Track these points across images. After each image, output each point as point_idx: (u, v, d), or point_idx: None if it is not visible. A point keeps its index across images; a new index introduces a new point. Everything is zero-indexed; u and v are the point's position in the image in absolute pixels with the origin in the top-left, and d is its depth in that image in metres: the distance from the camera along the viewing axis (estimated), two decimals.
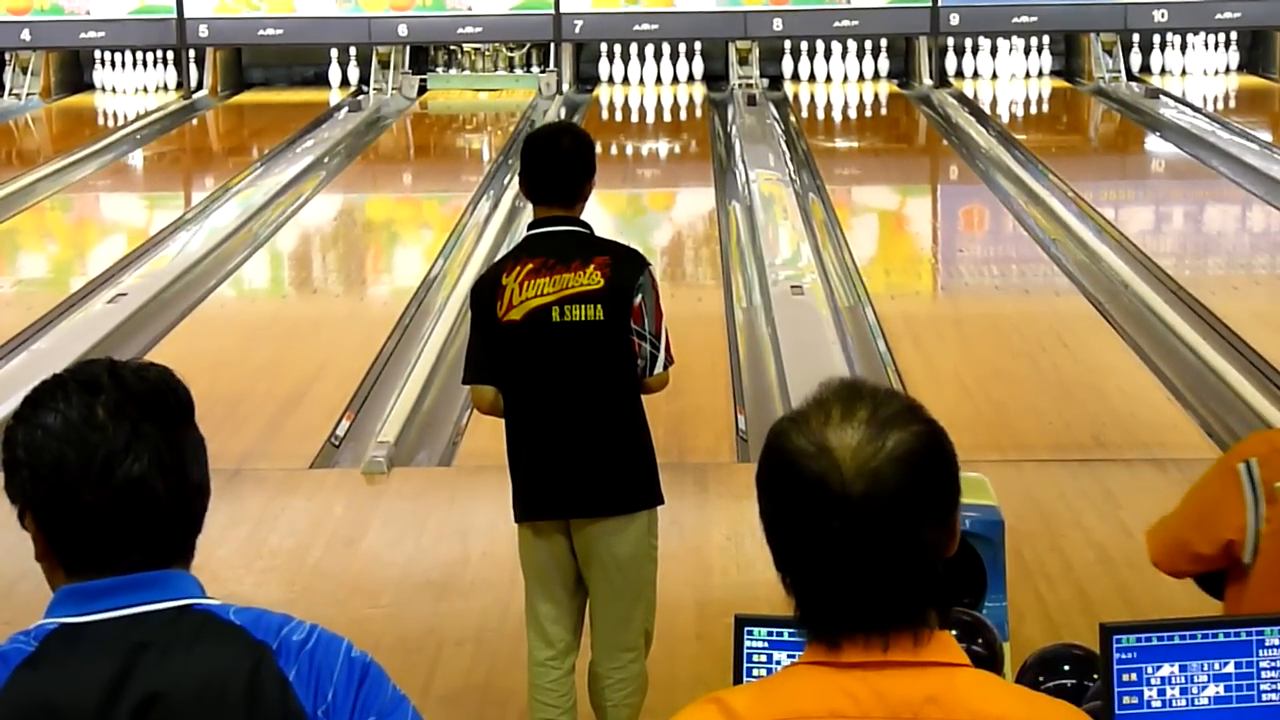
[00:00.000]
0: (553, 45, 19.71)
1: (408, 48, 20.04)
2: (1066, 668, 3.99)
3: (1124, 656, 3.04)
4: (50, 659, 2.30)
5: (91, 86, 20.45)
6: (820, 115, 19.19)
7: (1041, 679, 3.93)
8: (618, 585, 5.17)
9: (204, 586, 2.39)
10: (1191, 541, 3.98)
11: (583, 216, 5.22)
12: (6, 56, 20.03)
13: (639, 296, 5.10)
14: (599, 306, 5.05)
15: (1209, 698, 3.05)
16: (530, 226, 5.23)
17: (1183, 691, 3.04)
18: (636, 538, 5.17)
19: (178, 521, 2.36)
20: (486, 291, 5.16)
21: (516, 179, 5.46)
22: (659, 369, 5.13)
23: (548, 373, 5.10)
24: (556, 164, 5.18)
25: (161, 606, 2.33)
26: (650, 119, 19.07)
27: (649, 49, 20.03)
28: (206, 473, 2.40)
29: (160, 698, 2.28)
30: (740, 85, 19.48)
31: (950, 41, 20.10)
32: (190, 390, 2.41)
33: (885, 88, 19.93)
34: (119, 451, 2.31)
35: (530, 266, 5.09)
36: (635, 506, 5.17)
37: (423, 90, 19.99)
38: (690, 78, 20.06)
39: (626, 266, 5.13)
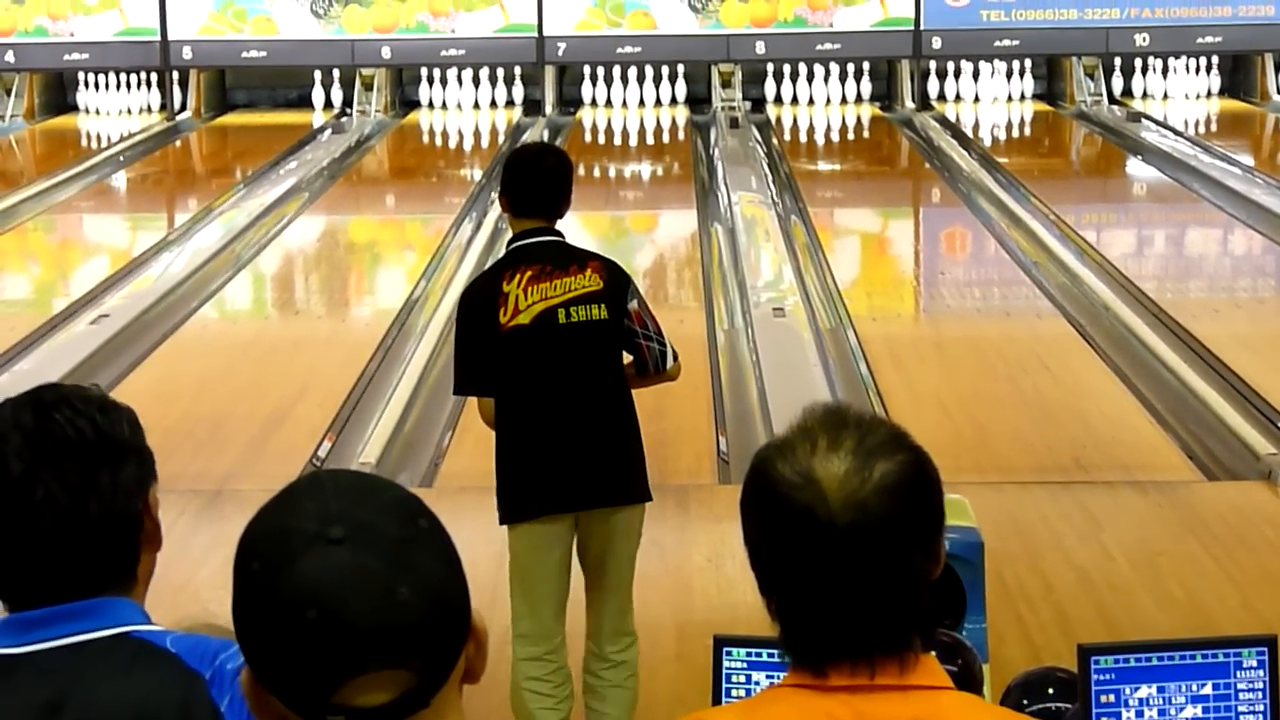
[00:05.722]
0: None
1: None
2: (1051, 691, 3.97)
3: (1102, 678, 3.05)
4: None
5: (75, 108, 20.43)
6: (803, 138, 19.22)
7: (1026, 702, 3.92)
8: (626, 571, 5.38)
9: (148, 613, 2.38)
10: None
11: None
12: None
13: (634, 301, 5.36)
14: (602, 306, 5.29)
15: (1187, 719, 3.06)
16: (514, 239, 5.40)
17: (1161, 713, 3.05)
18: (642, 524, 5.41)
19: (87, 553, 2.35)
20: (483, 301, 5.31)
21: (497, 198, 5.59)
22: (670, 362, 5.41)
23: (559, 372, 5.27)
24: (544, 180, 5.40)
25: (96, 635, 2.32)
26: (633, 141, 19.09)
27: (631, 71, 20.06)
28: (129, 504, 2.38)
29: None
30: (723, 108, 19.51)
31: (932, 65, 20.14)
32: (141, 428, 2.41)
33: (867, 111, 19.96)
34: (13, 488, 2.32)
35: (530, 273, 5.28)
36: (645, 495, 5.40)
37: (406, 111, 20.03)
38: (673, 100, 20.09)
39: (616, 271, 5.41)
